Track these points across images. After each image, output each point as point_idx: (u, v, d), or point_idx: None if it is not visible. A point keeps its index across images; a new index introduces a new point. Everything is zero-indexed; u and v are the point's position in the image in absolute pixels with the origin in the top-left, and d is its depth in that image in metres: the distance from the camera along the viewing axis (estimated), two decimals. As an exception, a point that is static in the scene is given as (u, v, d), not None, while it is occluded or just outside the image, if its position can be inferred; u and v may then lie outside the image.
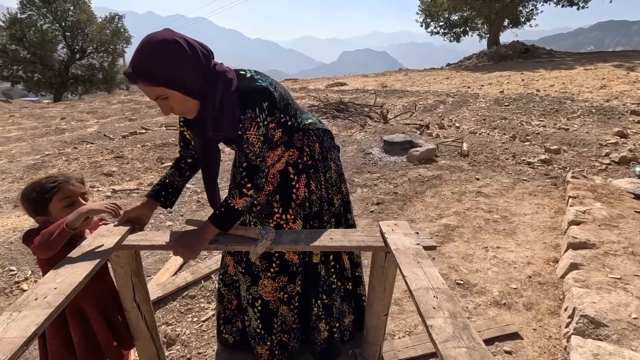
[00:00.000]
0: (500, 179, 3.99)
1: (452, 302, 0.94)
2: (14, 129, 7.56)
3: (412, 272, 1.06)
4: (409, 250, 1.18)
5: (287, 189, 1.44)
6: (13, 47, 22.63)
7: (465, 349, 0.79)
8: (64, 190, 1.24)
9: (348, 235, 1.31)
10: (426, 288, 0.99)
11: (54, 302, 0.87)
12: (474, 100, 7.61)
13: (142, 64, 1.05)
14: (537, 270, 2.37)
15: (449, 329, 0.85)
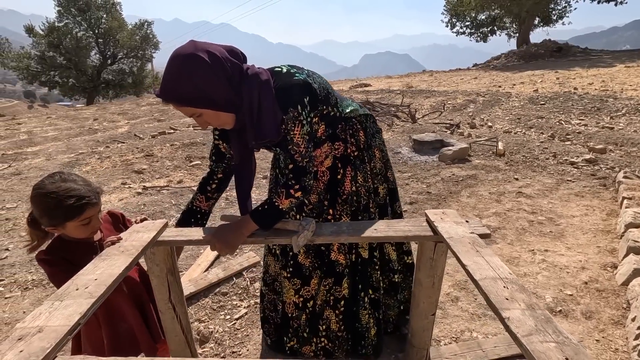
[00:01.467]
0: (541, 179, 3.75)
1: (525, 293, 0.82)
2: (51, 130, 7.86)
3: (473, 261, 0.95)
4: (464, 238, 1.07)
5: (334, 184, 1.37)
6: (51, 54, 23.80)
7: (554, 344, 0.67)
8: (88, 212, 1.12)
9: (393, 226, 1.21)
10: (493, 278, 0.88)
11: (95, 292, 0.81)
12: (507, 99, 7.31)
13: (168, 85, 1.02)
14: (593, 276, 2.17)
15: (530, 322, 0.73)
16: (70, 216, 1.09)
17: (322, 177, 1.36)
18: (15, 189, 4.13)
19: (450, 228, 1.13)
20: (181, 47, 1.05)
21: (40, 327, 0.69)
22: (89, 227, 1.15)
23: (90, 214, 1.13)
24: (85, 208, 1.10)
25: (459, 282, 2.17)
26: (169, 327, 1.31)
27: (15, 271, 2.46)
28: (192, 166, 4.76)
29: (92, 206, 1.13)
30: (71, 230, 1.13)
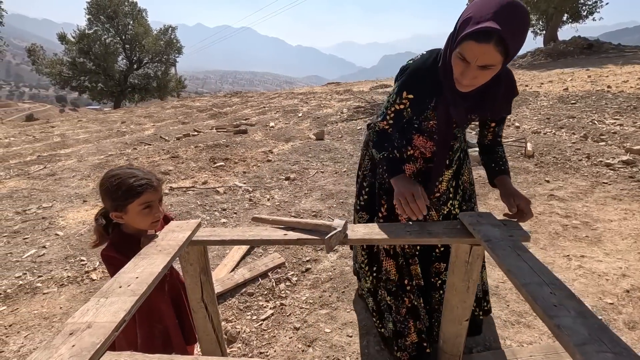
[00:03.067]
0: (574, 181, 3.60)
1: (575, 300, 0.78)
2: (82, 132, 8.19)
3: (516, 265, 0.90)
4: (502, 242, 1.02)
5: (458, 174, 1.48)
6: (81, 60, 24.84)
7: (611, 354, 0.63)
8: (147, 195, 1.17)
9: (426, 228, 1.18)
10: (538, 283, 0.84)
11: (137, 290, 0.83)
12: (534, 98, 7.07)
13: (512, 29, 0.94)
14: (635, 284, 2.06)
15: (583, 330, 0.69)
16: (131, 196, 1.13)
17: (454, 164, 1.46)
18: (50, 189, 4.32)
19: (487, 230, 1.10)
20: None
21: (89, 323, 0.71)
22: (150, 215, 1.18)
23: (150, 198, 1.17)
24: (145, 189, 1.15)
25: (490, 287, 2.10)
26: (201, 326, 1.32)
27: (52, 268, 2.56)
28: (216, 167, 4.84)
29: (152, 189, 1.17)
30: (133, 217, 1.16)
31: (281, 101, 10.83)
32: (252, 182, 4.22)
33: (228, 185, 4.14)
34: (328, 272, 2.36)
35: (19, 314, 2.08)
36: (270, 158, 5.14)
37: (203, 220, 3.29)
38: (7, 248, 2.90)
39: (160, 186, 1.21)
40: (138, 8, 26.99)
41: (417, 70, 1.23)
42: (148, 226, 1.22)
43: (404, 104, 1.27)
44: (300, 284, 2.27)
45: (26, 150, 6.54)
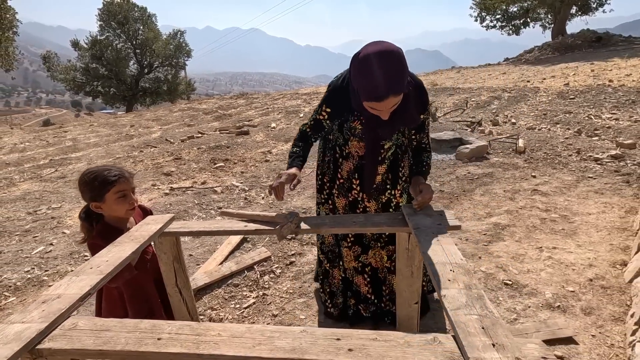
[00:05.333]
0: (561, 176, 3.66)
1: (468, 276, 0.91)
2: (93, 136, 8.52)
3: (431, 249, 1.04)
4: (429, 229, 1.16)
5: (395, 168, 1.59)
6: (94, 66, 25.51)
7: (476, 316, 0.76)
8: (120, 184, 1.35)
9: (371, 219, 1.32)
10: (443, 263, 0.97)
11: (104, 270, 0.99)
12: (534, 94, 7.07)
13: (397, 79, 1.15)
14: (600, 273, 2.14)
15: (462, 299, 0.82)
16: (107, 185, 1.32)
17: (386, 162, 1.58)
18: (60, 190, 4.58)
19: (419, 220, 1.23)
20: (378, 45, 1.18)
21: (59, 294, 0.87)
22: (125, 202, 1.36)
23: (123, 187, 1.36)
24: (118, 179, 1.34)
25: (460, 277, 2.21)
26: (177, 309, 1.49)
27: (58, 263, 2.78)
28: (216, 168, 5.03)
29: (125, 179, 1.37)
30: (110, 205, 1.34)
31: (285, 102, 11.01)
32: (249, 181, 4.40)
33: (225, 184, 4.33)
34: (311, 264, 2.51)
35: (26, 304, 2.29)
36: (268, 158, 5.31)
37: (199, 218, 3.48)
38: (19, 245, 3.14)
39: (131, 178, 1.40)
40: (148, 13, 27.53)
41: (335, 89, 1.44)
42: (125, 213, 1.39)
43: (323, 115, 1.50)
44: (284, 275, 2.43)
45: (40, 154, 6.87)
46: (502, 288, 2.10)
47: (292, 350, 0.73)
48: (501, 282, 2.15)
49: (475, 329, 0.74)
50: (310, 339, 0.76)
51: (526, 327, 1.77)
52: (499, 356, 0.67)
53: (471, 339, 0.71)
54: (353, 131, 1.50)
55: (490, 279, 2.19)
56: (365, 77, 1.17)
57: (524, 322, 1.82)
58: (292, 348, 0.73)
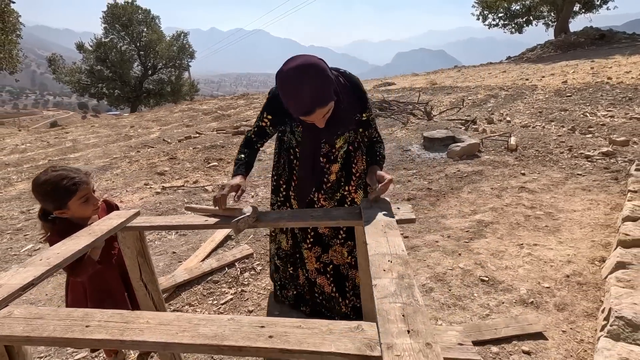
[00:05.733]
0: (550, 173, 3.64)
1: (405, 266, 0.91)
2: (93, 137, 8.61)
3: (376, 240, 1.04)
4: (380, 222, 1.16)
5: (348, 165, 1.62)
6: (98, 68, 25.77)
7: (400, 304, 0.77)
8: (81, 190, 1.36)
9: (329, 213, 1.33)
10: (383, 254, 0.97)
11: (52, 262, 1.01)
12: (531, 92, 7.02)
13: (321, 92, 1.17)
14: (578, 270, 2.13)
15: (392, 288, 0.83)
16: (68, 195, 1.32)
17: (339, 160, 1.60)
18: (55, 190, 4.64)
19: (373, 213, 1.23)
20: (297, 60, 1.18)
21: (0, 285, 0.89)
22: (90, 204, 1.39)
23: (84, 192, 1.37)
24: (78, 186, 1.34)
25: (438, 274, 2.21)
26: (143, 302, 1.51)
27: (45, 260, 2.82)
28: (209, 167, 5.06)
29: (84, 184, 1.37)
30: (76, 210, 1.36)
31: (284, 102, 11.04)
32: (240, 180, 4.42)
33: (217, 183, 4.35)
34: (291, 261, 2.52)
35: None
36: (261, 157, 5.33)
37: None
38: (9, 243, 3.19)
39: (89, 178, 1.41)
40: (151, 15, 27.73)
41: (274, 97, 1.45)
42: (91, 213, 1.42)
43: (265, 122, 1.51)
44: (264, 272, 2.44)
45: (39, 155, 6.97)
46: (479, 284, 2.10)
47: (214, 336, 0.74)
48: (478, 278, 2.14)
49: (395, 317, 0.74)
50: (234, 326, 0.77)
51: (496, 322, 1.76)
52: (410, 342, 0.67)
53: (389, 325, 0.72)
54: (299, 135, 1.52)
55: (468, 275, 2.18)
56: (288, 94, 1.18)
57: (494, 318, 1.81)
58: (214, 334, 0.74)
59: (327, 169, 1.61)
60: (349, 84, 1.40)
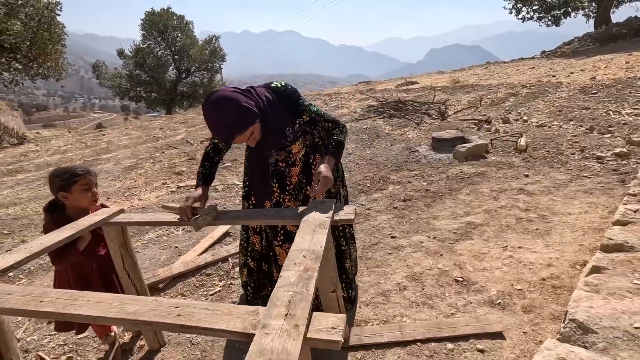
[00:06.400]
0: (555, 175, 3.54)
1: (314, 262, 1.02)
2: (125, 139, 9.23)
3: (302, 237, 1.16)
4: (315, 221, 1.27)
5: (308, 167, 1.76)
6: (137, 72, 27.30)
7: (291, 293, 0.89)
8: (86, 179, 1.63)
9: (280, 213, 1.46)
10: (302, 249, 1.09)
11: (34, 250, 1.22)
12: (554, 90, 6.73)
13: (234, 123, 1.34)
14: (556, 273, 2.12)
15: (293, 279, 0.94)
16: (75, 178, 1.59)
17: (298, 164, 1.75)
18: (85, 188, 5.08)
19: (312, 213, 1.35)
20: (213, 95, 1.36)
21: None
22: (87, 194, 1.63)
23: (88, 181, 1.63)
24: (85, 174, 1.62)
25: (415, 274, 2.28)
26: (127, 288, 1.71)
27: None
28: (223, 167, 5.33)
29: (90, 175, 1.65)
30: (76, 195, 1.61)
31: (305, 103, 11.23)
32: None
33: (227, 183, 4.59)
34: (281, 258, 2.67)
35: (33, 285, 2.65)
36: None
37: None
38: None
39: (94, 176, 1.66)
40: (185, 21, 28.91)
41: None
42: (87, 204, 1.65)
43: (217, 140, 1.68)
44: (254, 267, 2.60)
45: (77, 155, 7.59)
46: (452, 285, 2.14)
47: (134, 313, 0.90)
48: (453, 279, 2.19)
49: (282, 303, 0.87)
50: (154, 306, 0.92)
51: (457, 321, 1.81)
52: (282, 323, 0.80)
53: (273, 309, 0.84)
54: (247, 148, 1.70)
55: (444, 275, 2.23)
56: (209, 125, 1.37)
57: (458, 317, 1.86)
58: (135, 312, 0.90)
59: (287, 172, 1.76)
60: (277, 98, 1.52)
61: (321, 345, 0.79)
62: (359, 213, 3.27)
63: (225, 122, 1.33)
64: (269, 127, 1.48)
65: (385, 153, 5.05)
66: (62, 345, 1.98)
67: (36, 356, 1.92)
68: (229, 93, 1.35)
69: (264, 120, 1.44)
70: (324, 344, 0.79)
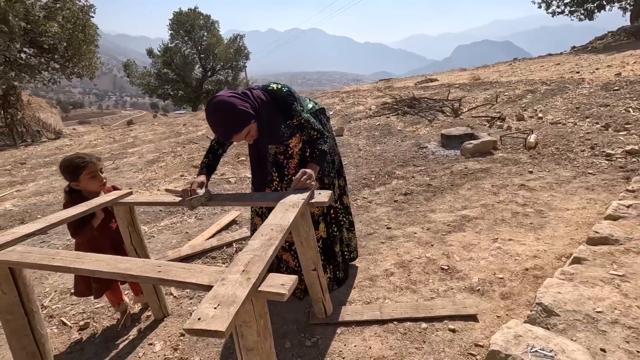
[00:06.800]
0: (560, 172, 3.52)
1: (280, 233, 1.18)
2: (150, 134, 9.71)
3: (275, 215, 1.32)
4: (289, 202, 1.43)
5: (304, 160, 1.93)
6: (165, 71, 28.31)
7: (252, 256, 1.05)
8: (89, 167, 1.82)
9: (265, 196, 1.62)
10: (272, 224, 1.25)
11: (51, 221, 1.44)
12: (575, 87, 6.55)
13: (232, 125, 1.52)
14: (540, 264, 2.17)
15: (256, 245, 1.10)
16: (79, 170, 1.79)
17: (296, 157, 1.92)
18: (111, 179, 5.45)
19: (289, 196, 1.50)
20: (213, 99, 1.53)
21: (15, 232, 1.33)
22: (96, 180, 1.84)
23: (92, 169, 1.83)
24: (86, 164, 1.81)
25: (403, 261, 2.39)
26: (134, 263, 1.93)
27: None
28: (238, 162, 5.57)
29: (92, 163, 1.83)
30: (85, 182, 1.82)
31: (322, 100, 11.37)
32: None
33: (240, 176, 4.82)
34: (281, 244, 2.84)
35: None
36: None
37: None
38: (68, 220, 3.91)
39: (98, 162, 1.86)
40: (211, 20, 29.66)
41: None
42: (98, 188, 1.87)
43: None
44: (255, 252, 2.79)
45: (105, 149, 8.08)
46: (437, 272, 2.24)
47: (125, 269, 1.08)
48: (439, 267, 2.28)
49: (242, 262, 1.03)
50: (142, 265, 1.11)
51: (434, 303, 1.92)
52: (238, 277, 0.96)
53: (234, 267, 1.01)
54: None
55: (431, 263, 2.33)
56: (211, 126, 1.55)
57: (436, 300, 1.96)
58: (125, 268, 1.09)
59: (285, 164, 1.93)
60: (271, 100, 1.68)
61: (270, 296, 0.95)
62: (360, 205, 3.40)
63: (224, 123, 1.51)
64: (263, 126, 1.64)
65: (394, 149, 5.12)
66: (81, 313, 2.24)
67: (59, 321, 2.18)
68: (226, 98, 1.52)
69: (259, 120, 1.60)
70: (271, 295, 0.94)
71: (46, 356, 1.39)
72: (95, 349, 1.89)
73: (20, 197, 4.97)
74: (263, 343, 1.01)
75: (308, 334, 1.81)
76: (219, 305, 0.84)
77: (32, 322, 1.33)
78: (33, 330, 1.34)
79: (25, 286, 1.28)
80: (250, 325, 0.98)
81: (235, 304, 0.83)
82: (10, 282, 1.25)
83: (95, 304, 2.29)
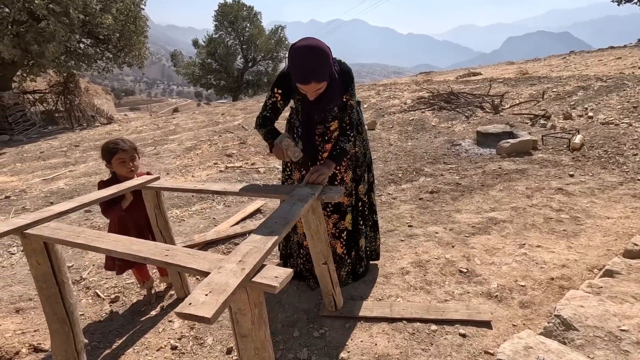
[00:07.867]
0: (605, 177, 3.26)
1: (283, 227, 1.20)
2: (191, 122, 10.14)
3: (281, 208, 1.35)
4: (298, 196, 1.45)
5: None
6: (208, 61, 29.28)
7: (251, 247, 1.08)
8: (119, 154, 1.96)
9: (278, 189, 1.66)
10: (277, 217, 1.28)
11: (83, 201, 1.57)
12: (635, 84, 5.97)
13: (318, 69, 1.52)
14: (568, 274, 2.05)
15: (258, 237, 1.14)
16: (111, 155, 1.94)
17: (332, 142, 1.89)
18: (151, 164, 5.79)
19: (300, 191, 1.52)
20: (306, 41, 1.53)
21: (51, 209, 1.47)
22: (124, 165, 1.97)
23: (121, 156, 1.95)
24: (117, 151, 1.94)
25: (421, 261, 2.34)
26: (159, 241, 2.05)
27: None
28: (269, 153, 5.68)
29: (122, 151, 1.96)
30: (116, 166, 1.97)
31: (358, 93, 11.25)
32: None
33: (269, 166, 4.93)
34: (301, 236, 2.89)
35: (99, 239, 3.20)
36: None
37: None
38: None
39: (130, 149, 1.98)
40: (254, 12, 30.14)
41: (282, 75, 1.77)
42: (126, 173, 2.00)
43: (276, 97, 1.80)
44: (276, 242, 2.86)
45: (149, 135, 8.56)
46: (455, 274, 2.18)
47: (136, 250, 1.16)
48: (457, 269, 2.22)
49: (241, 253, 1.07)
50: (152, 247, 1.18)
51: (447, 306, 1.88)
52: (233, 266, 1.00)
53: (233, 257, 1.05)
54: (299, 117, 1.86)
55: (449, 265, 2.27)
56: (294, 65, 1.53)
57: (451, 303, 1.91)
58: (137, 249, 1.17)
59: (321, 147, 1.92)
60: (341, 70, 1.71)
61: (262, 287, 0.98)
62: (383, 201, 3.36)
63: (312, 65, 1.50)
64: (329, 90, 1.65)
65: (425, 145, 4.98)
66: (113, 287, 2.42)
67: (94, 293, 2.38)
68: (322, 44, 1.54)
69: (331, 80, 1.62)
70: (263, 287, 0.97)
71: (74, 322, 1.53)
72: (122, 320, 2.05)
73: (72, 176, 5.42)
74: (257, 331, 1.05)
75: (317, 325, 1.85)
76: (210, 292, 0.88)
77: (63, 291, 1.47)
78: (63, 299, 1.48)
79: (57, 259, 1.41)
80: (244, 313, 1.02)
81: (225, 293, 0.87)
82: (44, 255, 1.39)
83: (126, 279, 2.48)
